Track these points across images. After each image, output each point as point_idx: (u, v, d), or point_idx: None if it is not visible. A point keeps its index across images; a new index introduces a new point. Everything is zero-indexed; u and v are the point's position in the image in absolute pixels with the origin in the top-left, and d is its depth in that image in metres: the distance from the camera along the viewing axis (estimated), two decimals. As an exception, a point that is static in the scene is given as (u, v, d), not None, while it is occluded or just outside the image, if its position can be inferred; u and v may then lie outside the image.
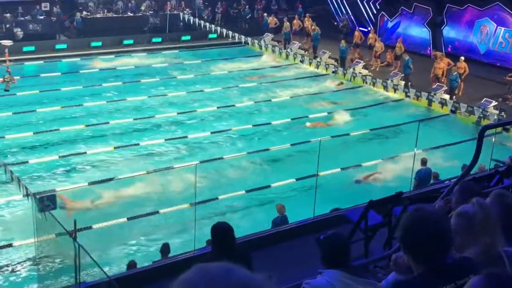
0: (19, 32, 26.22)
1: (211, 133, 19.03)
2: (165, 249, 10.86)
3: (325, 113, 21.30)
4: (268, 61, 28.15)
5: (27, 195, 12.67)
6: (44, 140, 17.79)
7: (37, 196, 8.52)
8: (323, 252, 4.22)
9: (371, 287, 4.03)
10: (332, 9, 33.58)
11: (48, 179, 15.52)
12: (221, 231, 5.10)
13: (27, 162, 16.19)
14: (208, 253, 5.33)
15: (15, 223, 13.14)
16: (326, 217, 9.66)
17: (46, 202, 7.71)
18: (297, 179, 15.67)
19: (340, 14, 32.97)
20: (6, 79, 19.69)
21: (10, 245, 12.34)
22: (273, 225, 11.97)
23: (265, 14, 31.98)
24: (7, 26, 26.83)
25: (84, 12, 29.44)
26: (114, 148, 17.51)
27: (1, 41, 20.65)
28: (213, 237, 5.14)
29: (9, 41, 20.36)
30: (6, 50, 19.42)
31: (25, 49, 25.53)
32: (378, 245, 6.54)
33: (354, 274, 4.04)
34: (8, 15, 27.19)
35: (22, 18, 27.96)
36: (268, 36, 30.06)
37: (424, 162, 14.46)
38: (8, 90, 20.36)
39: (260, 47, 29.58)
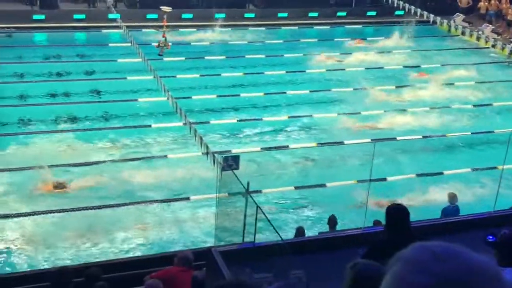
0: None
1: (384, 111, 18.59)
2: (333, 219, 11.02)
3: (510, 102, 19.85)
4: (455, 43, 26.70)
5: (207, 153, 13.51)
6: (225, 103, 18.74)
7: (223, 155, 9.03)
8: (501, 250, 4.05)
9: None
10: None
11: (225, 140, 16.41)
12: (397, 213, 5.01)
13: (208, 122, 17.21)
14: (381, 233, 5.27)
15: (192, 178, 14.11)
16: (508, 213, 8.99)
17: (230, 162, 8.15)
18: (473, 169, 14.92)
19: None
20: (161, 44, 20.55)
21: (187, 198, 13.31)
22: (442, 215, 11.52)
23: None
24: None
25: (274, -16, 30.09)
26: (288, 117, 17.92)
27: (162, 7, 21.07)
28: (388, 219, 5.07)
29: (169, 7, 21.10)
30: (165, 16, 20.30)
31: (216, 15, 26.81)
32: None
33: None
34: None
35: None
36: (459, 17, 28.38)
37: None
38: (161, 55, 20.72)
39: (449, 27, 28.06)
